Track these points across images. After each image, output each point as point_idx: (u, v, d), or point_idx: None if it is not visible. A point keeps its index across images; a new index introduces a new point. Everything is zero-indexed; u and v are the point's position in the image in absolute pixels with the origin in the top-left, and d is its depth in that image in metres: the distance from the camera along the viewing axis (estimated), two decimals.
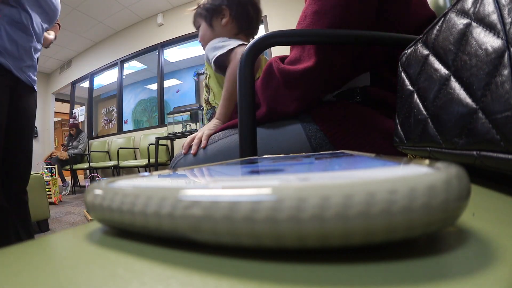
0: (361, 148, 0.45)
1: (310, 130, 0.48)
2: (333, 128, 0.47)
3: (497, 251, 0.08)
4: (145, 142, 3.53)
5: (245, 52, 0.43)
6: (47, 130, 5.17)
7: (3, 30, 0.82)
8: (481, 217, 0.12)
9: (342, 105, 0.49)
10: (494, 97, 0.17)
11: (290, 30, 0.45)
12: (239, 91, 0.43)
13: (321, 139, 0.47)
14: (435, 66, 0.25)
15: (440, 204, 0.07)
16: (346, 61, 0.48)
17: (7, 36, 0.82)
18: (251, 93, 0.42)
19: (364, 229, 0.07)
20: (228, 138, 0.53)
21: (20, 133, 0.92)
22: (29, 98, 0.95)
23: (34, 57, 0.93)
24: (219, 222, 0.08)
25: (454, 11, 0.23)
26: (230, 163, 0.22)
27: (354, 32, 0.46)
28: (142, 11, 3.93)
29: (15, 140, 0.91)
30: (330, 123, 0.47)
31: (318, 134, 0.47)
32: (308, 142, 0.47)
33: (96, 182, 0.12)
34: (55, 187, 2.66)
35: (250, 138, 0.42)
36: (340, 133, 0.46)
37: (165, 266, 0.08)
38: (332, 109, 0.49)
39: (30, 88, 0.94)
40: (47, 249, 0.11)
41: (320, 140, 0.47)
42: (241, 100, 0.42)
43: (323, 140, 0.47)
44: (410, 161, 0.11)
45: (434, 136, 0.24)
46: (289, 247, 0.08)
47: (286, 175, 0.12)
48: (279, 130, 0.50)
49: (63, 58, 4.86)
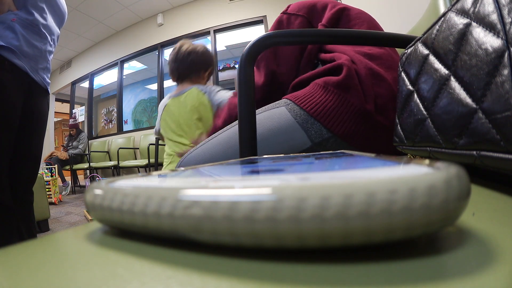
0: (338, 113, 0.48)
1: (295, 110, 0.50)
2: (312, 104, 0.50)
3: (497, 251, 0.08)
4: (145, 142, 3.53)
5: (245, 52, 0.43)
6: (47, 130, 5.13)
7: (20, 34, 0.84)
8: (481, 217, 0.12)
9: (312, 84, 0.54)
10: (494, 97, 0.17)
11: (290, 30, 0.45)
12: (239, 91, 0.43)
13: (305, 115, 0.50)
14: (435, 66, 0.25)
15: (440, 204, 0.07)
16: (289, 69, 0.57)
17: (23, 39, 0.85)
18: (251, 93, 0.42)
19: (364, 229, 0.07)
20: (229, 130, 0.55)
21: (31, 134, 0.93)
22: (42, 100, 0.96)
23: (48, 59, 0.95)
24: (219, 222, 0.08)
25: (454, 11, 0.23)
26: (230, 163, 0.22)
27: (354, 32, 0.46)
28: (142, 11, 3.93)
29: (26, 141, 0.92)
30: (309, 102, 0.50)
31: (301, 111, 0.50)
32: (294, 119, 0.50)
33: (96, 182, 0.12)
34: (55, 187, 2.66)
35: (250, 138, 0.42)
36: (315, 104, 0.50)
37: (165, 266, 0.08)
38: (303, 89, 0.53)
39: (44, 90, 0.95)
40: (47, 249, 0.11)
41: (304, 116, 0.50)
42: (241, 100, 0.42)
43: (306, 115, 0.50)
44: (410, 161, 0.11)
45: (434, 136, 0.24)
46: (289, 247, 0.08)
47: (286, 175, 0.12)
48: (267, 115, 0.53)
49: (63, 58, 4.86)
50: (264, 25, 3.35)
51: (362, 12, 0.59)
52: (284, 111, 0.51)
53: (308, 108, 0.49)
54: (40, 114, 0.96)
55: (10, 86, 0.81)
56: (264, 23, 3.34)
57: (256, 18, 3.40)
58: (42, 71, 0.93)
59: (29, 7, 0.86)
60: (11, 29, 0.82)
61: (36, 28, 0.88)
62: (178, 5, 3.88)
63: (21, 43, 0.84)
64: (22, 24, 0.84)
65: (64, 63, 5.04)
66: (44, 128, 1.00)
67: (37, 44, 0.89)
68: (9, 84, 0.81)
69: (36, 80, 0.90)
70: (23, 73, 0.86)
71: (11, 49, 0.81)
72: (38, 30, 0.89)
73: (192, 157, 0.58)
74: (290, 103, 0.51)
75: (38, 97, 0.94)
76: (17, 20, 0.83)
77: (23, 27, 0.84)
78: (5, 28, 0.81)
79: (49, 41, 0.94)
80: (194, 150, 0.59)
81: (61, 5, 0.99)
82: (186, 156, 0.60)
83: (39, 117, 0.96)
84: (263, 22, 3.37)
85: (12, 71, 0.82)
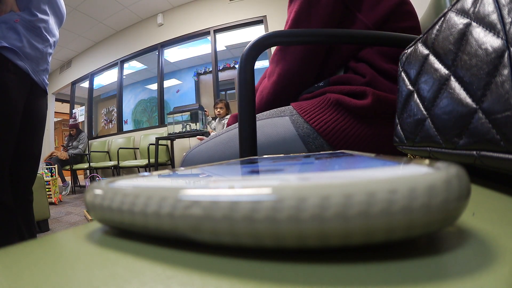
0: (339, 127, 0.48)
1: (298, 122, 0.50)
2: (315, 116, 0.50)
3: (497, 251, 0.08)
4: (145, 142, 3.53)
5: (245, 52, 0.43)
6: (47, 130, 5.16)
7: (23, 35, 0.84)
8: (481, 217, 0.12)
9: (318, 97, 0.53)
10: (494, 97, 0.17)
11: (290, 30, 0.45)
12: (239, 91, 0.43)
13: (308, 129, 0.50)
14: (435, 66, 0.25)
15: (440, 204, 0.07)
16: (310, 70, 0.55)
17: (26, 40, 0.85)
18: (251, 93, 0.42)
19: (364, 229, 0.07)
20: (231, 131, 0.56)
21: (31, 134, 0.94)
22: (42, 101, 0.98)
23: (48, 61, 0.96)
24: (219, 222, 0.08)
25: (454, 10, 0.22)
26: (230, 163, 0.22)
27: (354, 32, 0.46)
28: (142, 11, 3.93)
29: (26, 141, 0.93)
30: (311, 113, 0.51)
31: (305, 125, 0.50)
32: (296, 131, 0.50)
33: (96, 182, 0.12)
34: (55, 187, 2.66)
35: (250, 138, 0.42)
36: (320, 119, 0.50)
37: (165, 266, 0.08)
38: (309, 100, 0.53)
39: (43, 91, 0.97)
40: (47, 249, 0.11)
41: (307, 130, 0.50)
42: (241, 100, 0.42)
43: (310, 130, 0.50)
44: (410, 161, 0.11)
45: (434, 136, 0.24)
46: (289, 247, 0.08)
47: (286, 175, 0.12)
48: (269, 122, 0.53)
49: (63, 58, 4.86)
50: (264, 25, 3.35)
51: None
52: (287, 122, 0.51)
53: (314, 123, 0.49)
54: (39, 114, 0.97)
55: (13, 87, 0.82)
56: (264, 23, 3.34)
57: (256, 18, 3.41)
58: (42, 73, 0.94)
59: (32, 9, 0.86)
60: (14, 30, 0.83)
61: (38, 30, 0.88)
62: (178, 5, 3.88)
63: (23, 44, 0.84)
64: (25, 26, 0.85)
65: (64, 63, 5.04)
66: (43, 128, 1.01)
67: (39, 46, 0.89)
68: (12, 85, 0.82)
69: (36, 81, 0.91)
70: (25, 74, 0.86)
71: (14, 50, 0.82)
72: (40, 32, 0.89)
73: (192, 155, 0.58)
74: (295, 115, 0.51)
75: (38, 97, 0.95)
76: (20, 22, 0.84)
77: (26, 29, 0.85)
78: (8, 28, 0.82)
79: (50, 44, 0.94)
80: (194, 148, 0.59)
81: (61, 6, 0.99)
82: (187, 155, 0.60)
83: (39, 118, 0.97)
84: (263, 22, 3.37)
85: (15, 72, 0.83)
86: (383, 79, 0.50)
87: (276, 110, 0.54)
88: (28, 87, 0.89)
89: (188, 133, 2.78)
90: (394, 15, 0.52)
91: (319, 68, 0.56)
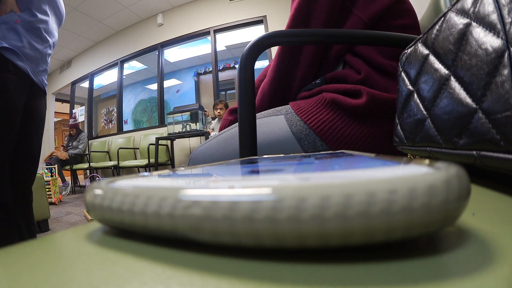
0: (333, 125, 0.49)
1: (292, 120, 0.51)
2: (309, 114, 0.51)
3: (497, 251, 0.08)
4: (145, 142, 3.53)
5: (245, 52, 0.43)
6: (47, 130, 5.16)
7: (23, 36, 0.85)
8: (481, 217, 0.12)
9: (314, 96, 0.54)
10: (494, 97, 0.17)
11: (290, 30, 0.45)
12: (239, 90, 0.43)
13: (301, 126, 0.50)
14: (435, 66, 0.25)
15: (440, 204, 0.07)
16: (304, 71, 0.55)
17: (26, 41, 0.85)
18: (251, 93, 0.42)
19: (364, 229, 0.07)
20: (231, 130, 0.56)
21: (31, 134, 0.95)
22: (41, 101, 0.98)
23: (48, 62, 0.97)
24: (219, 222, 0.08)
25: (454, 10, 0.22)
26: (230, 163, 0.22)
27: (354, 32, 0.46)
28: (142, 11, 3.93)
29: (26, 141, 0.93)
30: (307, 111, 0.51)
31: (299, 122, 0.51)
32: (290, 129, 0.50)
33: (96, 182, 0.12)
34: (55, 187, 2.66)
35: (250, 138, 0.42)
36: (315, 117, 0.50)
37: (165, 266, 0.08)
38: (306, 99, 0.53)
39: (42, 91, 0.97)
40: (47, 249, 0.11)
41: (300, 127, 0.50)
42: (241, 100, 0.42)
43: (302, 127, 0.50)
44: (410, 161, 0.11)
45: (434, 136, 0.24)
46: (289, 247, 0.08)
47: (286, 175, 0.12)
48: (266, 121, 0.53)
49: (63, 58, 4.86)
50: (264, 25, 3.35)
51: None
52: (281, 120, 0.51)
53: (311, 123, 0.49)
54: (39, 114, 0.97)
55: (13, 88, 0.82)
56: (264, 23, 3.34)
57: (256, 18, 3.40)
58: (41, 73, 0.94)
59: (33, 10, 0.86)
60: (15, 30, 0.83)
61: (38, 31, 0.89)
62: (178, 5, 3.88)
63: (24, 45, 0.84)
64: (25, 27, 0.85)
65: (64, 63, 5.04)
66: (42, 128, 1.02)
67: (38, 47, 0.89)
68: (13, 86, 0.82)
69: (36, 82, 0.91)
70: (25, 75, 0.86)
71: (15, 51, 0.82)
72: (40, 33, 0.89)
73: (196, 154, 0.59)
74: (290, 113, 0.51)
75: (37, 98, 0.95)
76: (20, 22, 0.84)
77: (26, 30, 0.85)
78: (8, 29, 0.82)
79: (49, 45, 0.95)
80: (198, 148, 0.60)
81: (61, 6, 1.00)
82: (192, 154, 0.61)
83: (39, 118, 0.97)
84: (263, 22, 3.37)
85: (15, 73, 0.83)
86: (378, 76, 0.50)
87: (273, 109, 0.54)
88: (28, 87, 0.89)
89: (188, 133, 2.78)
90: (391, 12, 0.52)
91: (318, 61, 0.56)
